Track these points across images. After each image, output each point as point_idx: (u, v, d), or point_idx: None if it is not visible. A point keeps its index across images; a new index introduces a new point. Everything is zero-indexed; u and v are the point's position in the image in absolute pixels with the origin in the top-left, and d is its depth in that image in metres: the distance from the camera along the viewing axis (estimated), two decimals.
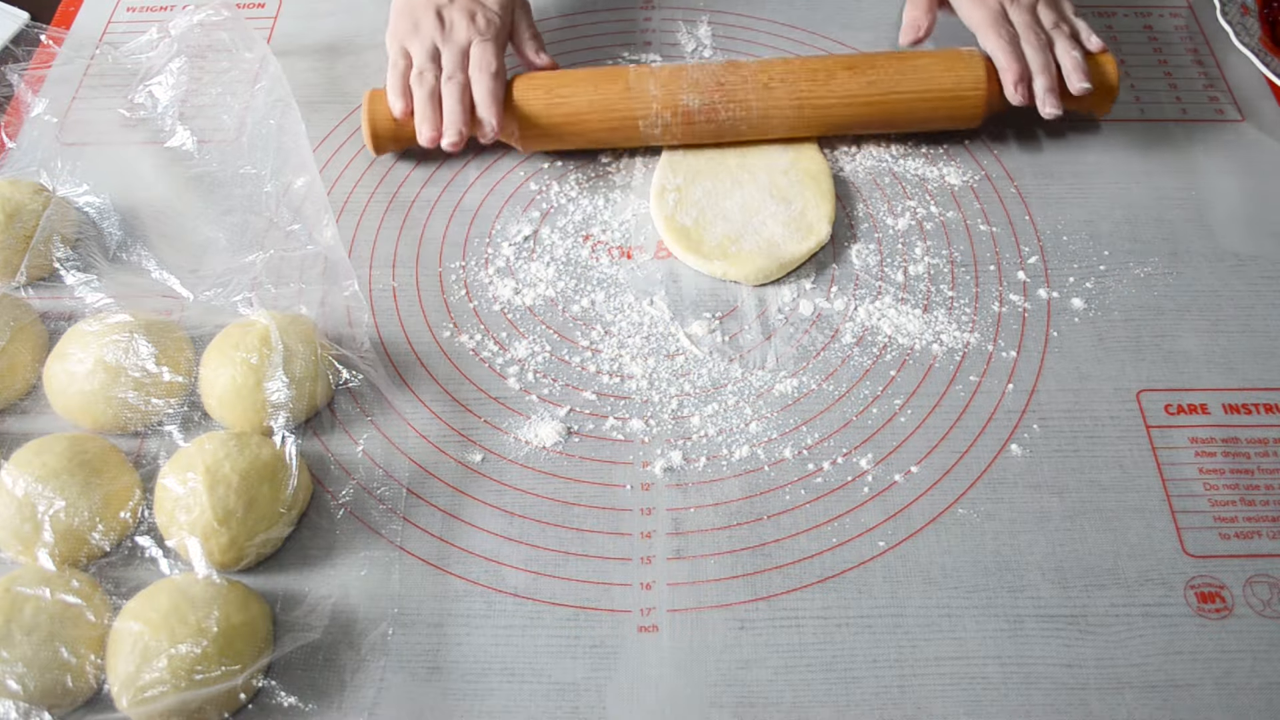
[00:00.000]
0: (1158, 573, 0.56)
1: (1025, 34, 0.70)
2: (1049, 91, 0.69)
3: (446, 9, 0.72)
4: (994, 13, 0.71)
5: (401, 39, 0.72)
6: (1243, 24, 0.78)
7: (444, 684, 0.54)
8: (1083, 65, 0.69)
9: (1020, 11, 0.71)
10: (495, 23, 0.72)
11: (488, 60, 0.70)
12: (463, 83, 0.69)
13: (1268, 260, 0.69)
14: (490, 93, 0.69)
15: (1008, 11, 0.71)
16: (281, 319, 0.62)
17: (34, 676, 0.50)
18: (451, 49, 0.71)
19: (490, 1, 0.74)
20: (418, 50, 0.71)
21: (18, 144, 0.76)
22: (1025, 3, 0.72)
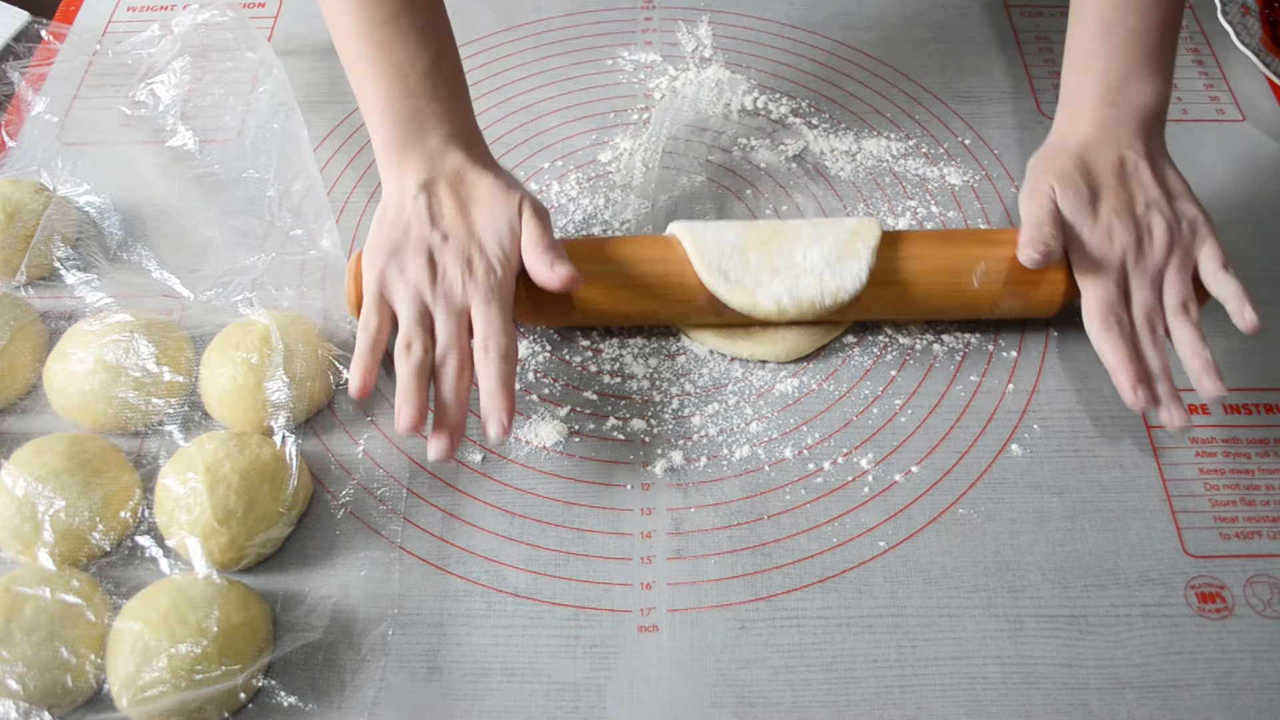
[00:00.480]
0: (1158, 573, 0.56)
1: (1142, 325, 0.58)
2: (1173, 399, 0.57)
3: (439, 251, 0.58)
4: (1110, 293, 0.58)
5: (379, 285, 0.58)
6: (1243, 24, 0.78)
7: (444, 684, 0.54)
8: (1210, 365, 0.56)
9: (1144, 288, 0.59)
10: (498, 271, 0.57)
11: (496, 335, 0.55)
12: (459, 363, 0.56)
13: (1268, 260, 0.69)
14: (500, 383, 0.54)
15: (1130, 282, 0.59)
16: (282, 319, 0.62)
17: (34, 676, 0.50)
18: (447, 312, 0.57)
19: (491, 236, 0.58)
20: (403, 308, 0.57)
21: (18, 143, 0.76)
22: (1153, 267, 0.59)
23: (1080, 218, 0.59)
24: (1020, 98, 0.79)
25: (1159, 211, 0.59)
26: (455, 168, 0.60)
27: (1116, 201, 0.59)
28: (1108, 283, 0.58)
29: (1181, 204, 0.60)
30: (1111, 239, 0.58)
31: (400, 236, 0.58)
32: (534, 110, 0.78)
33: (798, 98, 0.79)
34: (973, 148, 0.75)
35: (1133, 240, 0.58)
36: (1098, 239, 0.59)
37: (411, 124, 0.60)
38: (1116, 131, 0.61)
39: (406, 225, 0.59)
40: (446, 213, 0.59)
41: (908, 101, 0.79)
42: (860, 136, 0.76)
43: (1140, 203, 0.59)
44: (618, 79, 0.80)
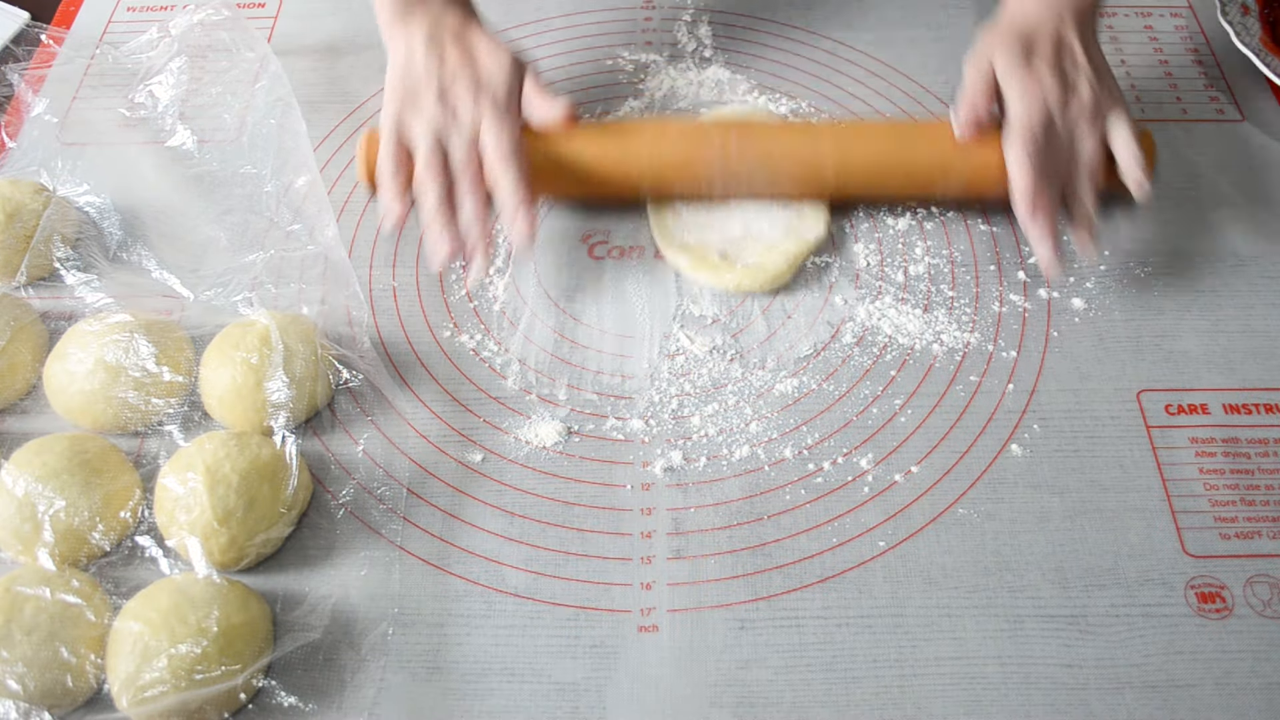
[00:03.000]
0: (1158, 573, 0.56)
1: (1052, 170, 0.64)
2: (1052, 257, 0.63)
3: (451, 88, 0.64)
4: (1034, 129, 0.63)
5: (398, 127, 0.64)
6: (1243, 24, 0.78)
7: (444, 684, 0.54)
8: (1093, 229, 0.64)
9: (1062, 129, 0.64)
10: (502, 100, 0.64)
11: (505, 142, 0.62)
12: (474, 176, 0.62)
13: (1268, 260, 0.69)
14: (515, 189, 0.61)
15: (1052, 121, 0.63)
16: (281, 319, 0.62)
17: (34, 676, 0.50)
18: (460, 140, 0.63)
19: (496, 75, 0.65)
20: (419, 144, 0.63)
21: (18, 144, 0.76)
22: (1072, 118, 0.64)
23: (1012, 67, 0.64)
24: None
25: (1085, 76, 0.65)
26: (456, 24, 0.67)
27: (1048, 61, 0.64)
28: (1030, 110, 0.63)
29: (1106, 79, 0.66)
30: (1040, 82, 0.63)
31: (413, 84, 0.64)
32: None
33: (798, 98, 0.79)
34: None
35: (1058, 89, 0.64)
36: (1029, 81, 0.63)
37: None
38: (1058, 10, 0.66)
39: (417, 74, 0.65)
40: (452, 59, 0.65)
41: (907, 102, 0.79)
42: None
43: (1068, 64, 0.65)
44: (618, 79, 0.80)
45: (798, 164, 0.68)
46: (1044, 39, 0.65)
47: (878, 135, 0.69)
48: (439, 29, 0.66)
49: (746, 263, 0.68)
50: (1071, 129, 0.64)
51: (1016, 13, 0.67)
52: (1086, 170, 0.64)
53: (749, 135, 0.68)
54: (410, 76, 0.65)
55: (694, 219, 0.70)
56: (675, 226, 0.70)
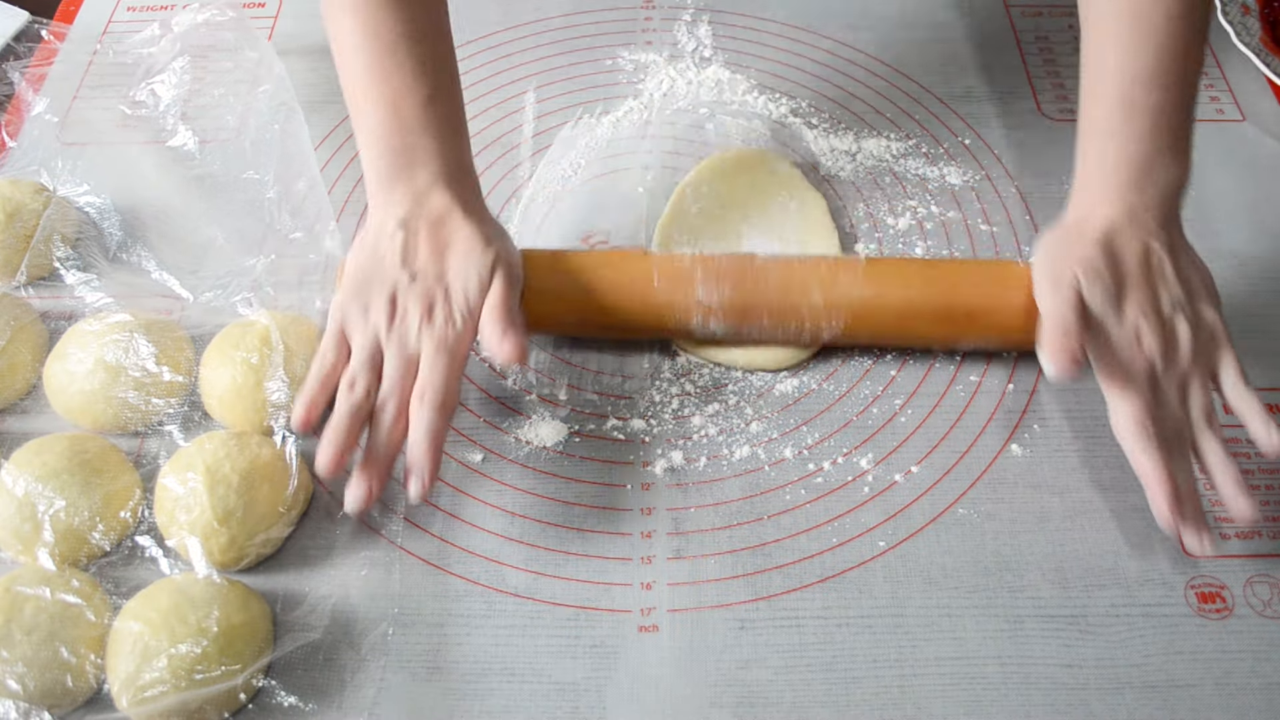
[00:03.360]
0: (1158, 573, 0.56)
1: (1173, 438, 0.55)
2: (1200, 522, 0.55)
3: (404, 293, 0.57)
4: (1143, 402, 0.55)
5: (342, 319, 0.58)
6: (1243, 24, 0.78)
7: (444, 684, 0.54)
8: (1241, 484, 0.54)
9: (1171, 400, 0.56)
10: (458, 322, 0.56)
11: (436, 385, 0.55)
12: (397, 409, 0.55)
13: (1268, 260, 0.69)
14: (429, 434, 0.54)
15: (1158, 388, 0.55)
16: (282, 319, 0.62)
17: (34, 676, 0.50)
18: (398, 356, 0.56)
19: (459, 285, 0.57)
20: (357, 346, 0.57)
21: (18, 143, 0.76)
22: (1180, 377, 0.56)
23: (1107, 314, 0.55)
24: (1020, 98, 0.79)
25: (1184, 314, 0.56)
26: (439, 209, 0.58)
27: (1143, 300, 0.56)
28: (1140, 390, 0.55)
29: (1203, 306, 0.57)
30: (1140, 342, 0.55)
31: (370, 272, 0.58)
32: (534, 110, 0.78)
33: (797, 98, 0.79)
34: (973, 148, 0.75)
35: (1159, 345, 0.55)
36: (1126, 341, 0.55)
37: (402, 158, 0.59)
38: (1142, 218, 0.57)
39: (379, 261, 0.58)
40: (420, 253, 0.57)
41: (908, 101, 0.79)
42: (860, 136, 0.76)
43: (1166, 303, 0.56)
44: (618, 79, 0.80)
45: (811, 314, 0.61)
46: (1132, 258, 0.56)
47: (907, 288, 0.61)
48: (418, 212, 0.58)
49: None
50: (1181, 388, 0.56)
51: (1090, 211, 0.58)
52: (1205, 429, 0.56)
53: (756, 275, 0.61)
54: (369, 263, 0.58)
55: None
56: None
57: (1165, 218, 0.58)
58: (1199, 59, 0.59)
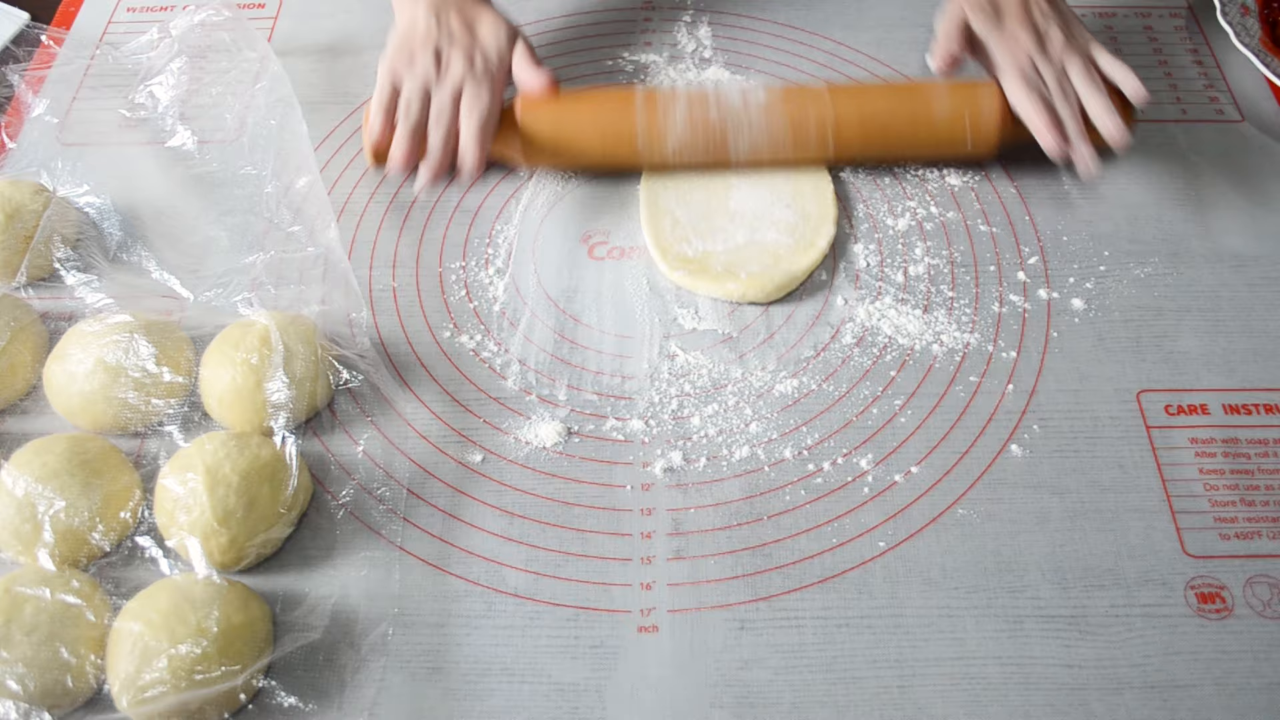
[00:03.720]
0: (1158, 573, 0.56)
1: (1056, 93, 0.68)
2: (1085, 144, 0.67)
3: (446, 49, 0.70)
4: (1025, 72, 0.68)
5: (394, 69, 0.70)
6: (1243, 24, 0.78)
7: (444, 684, 0.54)
8: (1115, 118, 0.67)
9: (1051, 70, 0.69)
10: (492, 65, 0.70)
11: (481, 101, 0.68)
12: (449, 125, 0.68)
13: (1268, 260, 0.69)
14: (479, 128, 0.67)
15: (1037, 65, 0.69)
16: (281, 319, 0.62)
17: (34, 676, 0.50)
18: (444, 90, 0.69)
19: (491, 45, 0.71)
20: (410, 84, 0.69)
21: (18, 144, 0.76)
22: (1055, 53, 0.69)
23: (988, 29, 0.69)
24: None
25: (1055, 24, 0.70)
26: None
27: (1019, 16, 0.70)
28: (1021, 65, 0.68)
29: (1073, 24, 0.71)
30: (1017, 40, 0.69)
31: (412, 43, 0.70)
32: None
33: None
34: None
35: (1034, 42, 0.69)
36: (1005, 42, 0.69)
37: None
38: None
39: (419, 35, 0.70)
40: (453, 25, 0.71)
41: None
42: None
43: (1039, 18, 0.70)
44: (618, 79, 0.80)
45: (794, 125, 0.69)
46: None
47: (871, 94, 0.71)
48: (444, 2, 0.71)
49: (751, 271, 0.67)
50: (1059, 62, 0.69)
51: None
52: (1084, 77, 0.68)
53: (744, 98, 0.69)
54: (410, 38, 0.70)
55: (693, 227, 0.70)
56: (672, 236, 0.69)
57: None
58: None
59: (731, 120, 0.69)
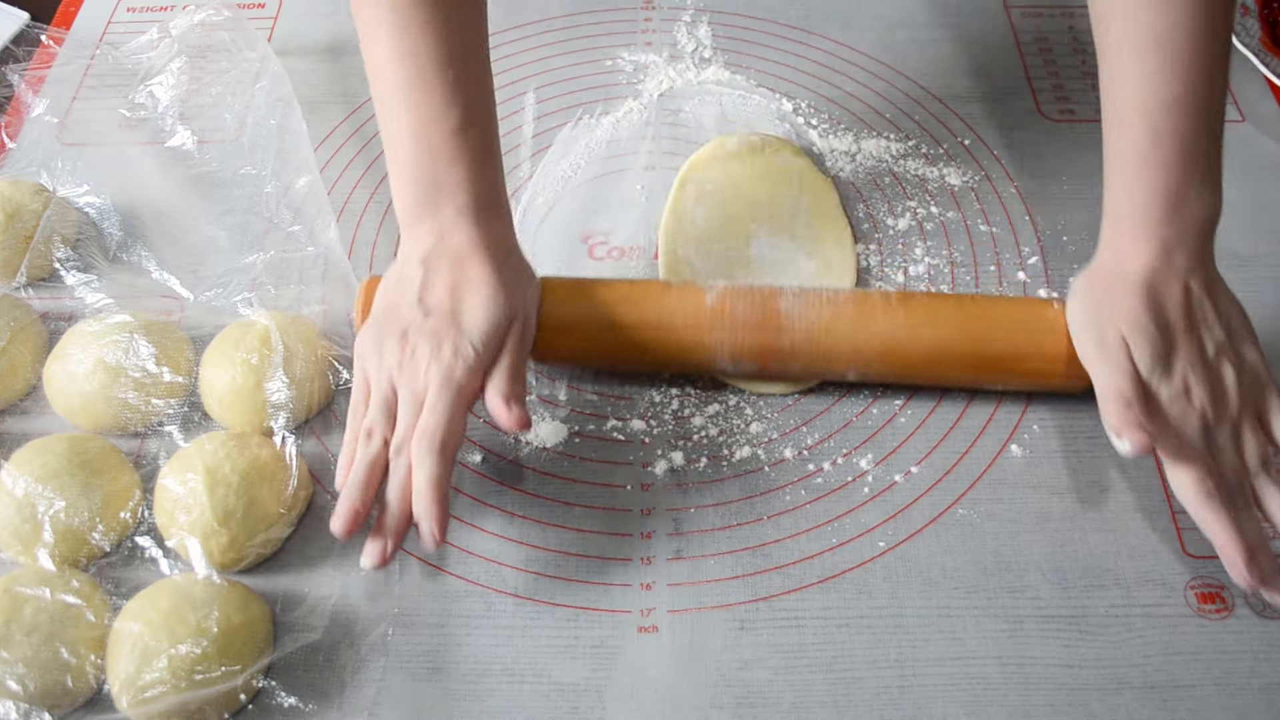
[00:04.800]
0: (1158, 573, 0.56)
1: (1234, 489, 0.54)
2: (1277, 573, 0.53)
3: (416, 329, 0.55)
4: (1202, 463, 0.53)
5: (362, 359, 0.57)
6: (1242, 24, 0.78)
7: (444, 684, 0.54)
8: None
9: (1227, 449, 0.55)
10: (467, 359, 0.54)
11: (436, 426, 0.52)
12: (406, 464, 0.53)
13: (1268, 260, 0.69)
14: (431, 482, 0.51)
15: (1212, 441, 0.54)
16: (281, 319, 0.62)
17: (34, 676, 0.50)
18: (408, 399, 0.54)
19: (472, 326, 0.55)
20: (375, 389, 0.55)
21: (18, 144, 0.76)
22: (1231, 424, 0.55)
23: (1156, 374, 0.54)
24: (1020, 98, 0.79)
25: (1228, 360, 0.55)
26: (462, 248, 0.56)
27: (1190, 351, 0.54)
28: (1197, 449, 0.54)
29: (1245, 348, 0.56)
30: (1190, 398, 0.54)
31: (389, 310, 0.57)
32: (534, 110, 0.78)
33: (797, 98, 0.79)
34: (972, 148, 0.75)
35: (1209, 397, 0.54)
36: (1177, 399, 0.54)
37: (429, 191, 0.57)
38: (1177, 256, 0.55)
39: (398, 298, 0.57)
40: (438, 288, 0.56)
41: (907, 102, 0.79)
42: (860, 137, 0.76)
43: (1211, 349, 0.55)
44: (617, 79, 0.80)
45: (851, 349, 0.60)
46: (1173, 304, 0.55)
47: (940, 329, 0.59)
48: (440, 249, 0.57)
49: None
50: (1235, 432, 0.55)
51: (1123, 252, 0.56)
52: (1262, 475, 0.55)
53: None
54: (391, 299, 0.57)
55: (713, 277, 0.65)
56: None
57: (1200, 253, 0.56)
58: (1224, 83, 0.55)
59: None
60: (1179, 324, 0.55)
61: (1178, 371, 0.54)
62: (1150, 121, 0.54)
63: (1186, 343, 0.55)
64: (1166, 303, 0.55)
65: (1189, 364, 0.54)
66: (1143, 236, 0.55)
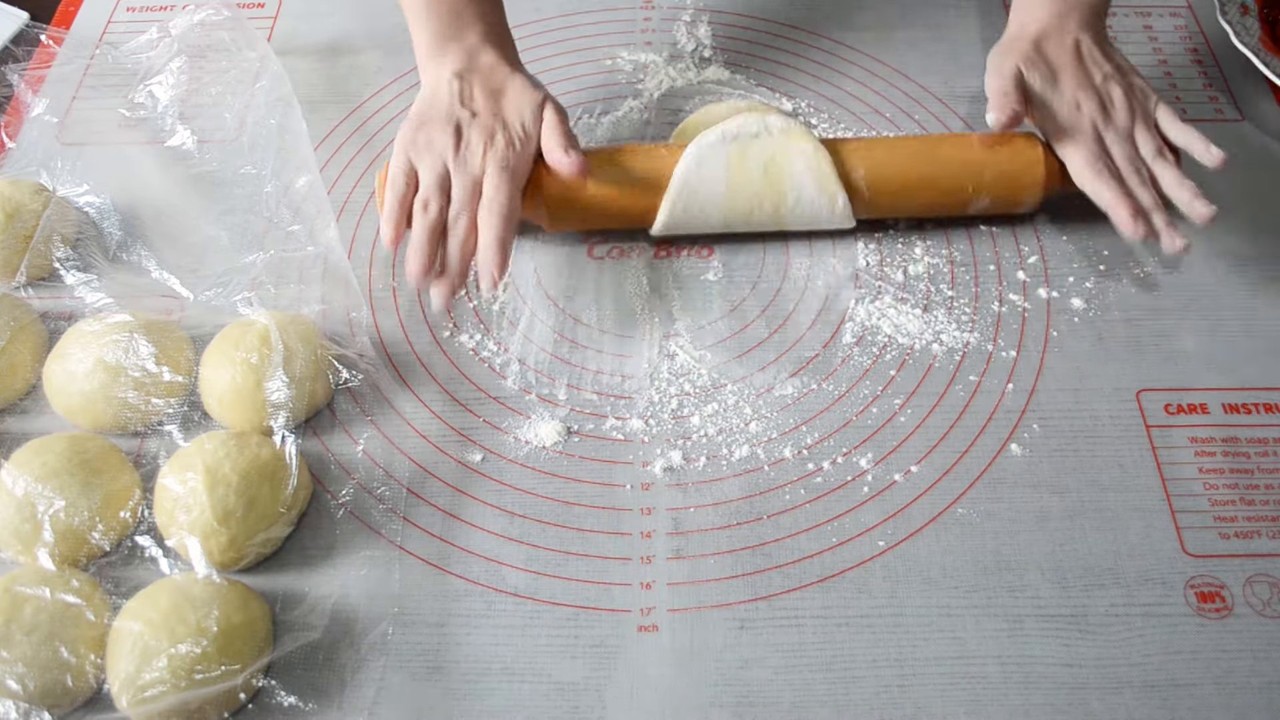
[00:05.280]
0: (1158, 572, 0.56)
1: (1127, 170, 0.64)
2: (1170, 226, 0.62)
3: (467, 125, 0.64)
4: (1091, 148, 0.64)
5: (409, 151, 0.63)
6: (1243, 24, 0.78)
7: (444, 684, 0.54)
8: (1198, 193, 0.62)
9: (1119, 142, 0.65)
10: (517, 146, 0.63)
11: (501, 199, 0.61)
12: (466, 230, 0.61)
13: (1268, 260, 0.69)
14: (497, 240, 0.60)
15: (1105, 140, 0.65)
16: (281, 319, 0.62)
17: (34, 676, 0.50)
18: (464, 177, 0.62)
19: (515, 118, 0.64)
20: (426, 171, 0.62)
21: (18, 144, 0.76)
22: (1121, 127, 0.65)
23: (1047, 93, 0.65)
24: None
25: (1115, 82, 0.66)
26: (489, 63, 0.66)
27: (1077, 77, 0.66)
28: (1086, 140, 0.64)
29: (1133, 77, 0.67)
30: (1079, 108, 0.65)
31: (435, 113, 0.64)
32: None
33: (797, 98, 0.79)
34: None
35: (1098, 107, 0.65)
36: (1067, 109, 0.65)
37: (450, 22, 0.66)
38: (1068, 20, 0.67)
39: (441, 105, 0.64)
40: (477, 95, 0.65)
41: (907, 102, 0.79)
42: (860, 136, 0.76)
43: (1098, 76, 0.66)
44: (617, 79, 0.80)
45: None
46: (1063, 50, 0.66)
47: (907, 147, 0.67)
48: (471, 65, 0.66)
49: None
50: (1126, 130, 0.65)
51: (1025, 21, 0.68)
52: (1154, 149, 0.65)
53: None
54: (433, 107, 0.65)
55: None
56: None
57: (1090, 19, 0.67)
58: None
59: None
60: (1067, 60, 0.66)
61: (1066, 91, 0.65)
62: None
63: (1074, 72, 0.66)
64: (1056, 47, 0.66)
65: (1077, 84, 0.65)
66: (1039, 8, 0.68)
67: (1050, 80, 0.65)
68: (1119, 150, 0.64)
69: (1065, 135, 0.65)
